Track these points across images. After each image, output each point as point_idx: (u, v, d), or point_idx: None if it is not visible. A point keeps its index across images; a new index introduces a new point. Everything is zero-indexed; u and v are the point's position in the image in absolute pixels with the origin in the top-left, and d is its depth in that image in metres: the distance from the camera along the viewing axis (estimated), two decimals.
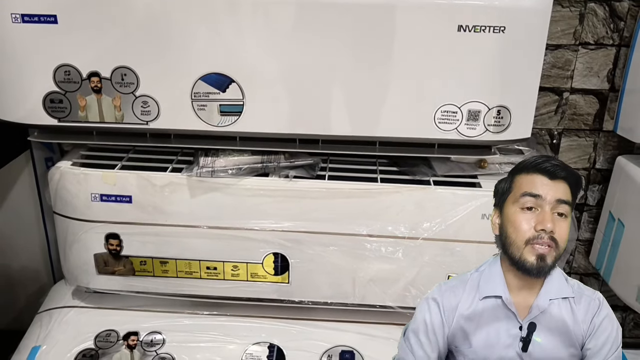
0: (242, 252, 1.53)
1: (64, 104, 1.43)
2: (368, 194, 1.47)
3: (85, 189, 1.49)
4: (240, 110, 1.42)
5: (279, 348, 1.56)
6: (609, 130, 1.73)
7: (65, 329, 1.60)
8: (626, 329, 2.00)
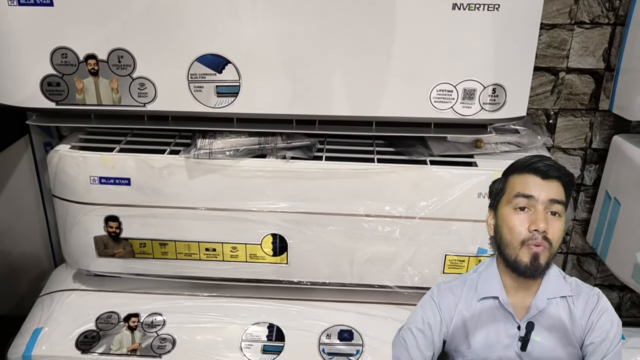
0: (241, 233, 1.54)
1: (62, 87, 1.44)
2: (365, 174, 1.48)
3: (84, 172, 1.50)
4: (237, 92, 1.42)
5: (278, 328, 1.57)
6: (605, 109, 1.74)
7: (66, 311, 1.61)
8: (623, 309, 2.01)
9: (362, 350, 1.52)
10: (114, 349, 1.52)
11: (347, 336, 1.55)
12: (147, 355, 1.51)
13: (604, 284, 1.98)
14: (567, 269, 1.97)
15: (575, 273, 1.97)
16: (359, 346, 1.53)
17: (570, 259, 1.95)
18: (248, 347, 1.53)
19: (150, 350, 1.52)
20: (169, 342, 1.54)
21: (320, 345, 1.53)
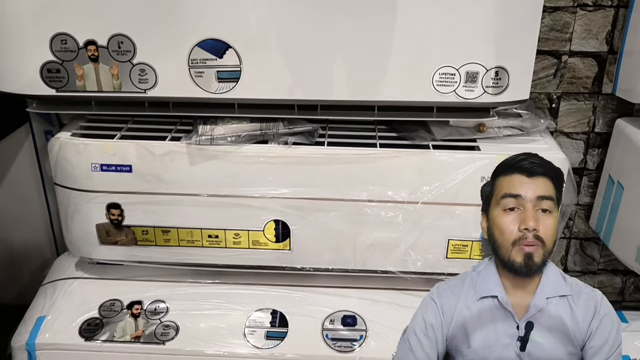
0: (243, 219, 1.54)
1: (62, 73, 1.43)
2: (367, 159, 1.48)
3: (85, 159, 1.50)
4: (238, 77, 1.41)
5: (281, 314, 1.57)
6: (608, 93, 1.72)
7: (69, 299, 1.62)
8: (626, 293, 2.01)
9: (365, 335, 1.52)
10: (118, 336, 1.52)
11: (350, 321, 1.55)
12: (151, 342, 1.52)
13: (606, 268, 1.97)
14: (570, 254, 1.97)
15: (578, 258, 1.97)
16: (362, 331, 1.53)
17: (573, 243, 1.95)
18: (251, 333, 1.53)
19: (154, 337, 1.52)
20: (173, 329, 1.54)
21: (324, 331, 1.53)
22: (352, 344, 1.50)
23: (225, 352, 1.50)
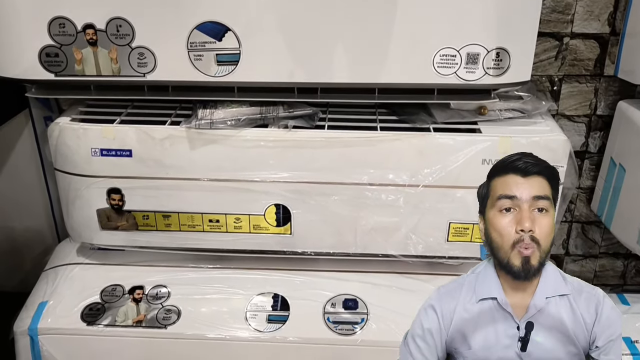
0: (244, 204, 1.54)
1: (60, 57, 1.42)
2: (368, 143, 1.47)
3: (85, 144, 1.49)
4: (237, 59, 1.41)
5: (283, 298, 1.58)
6: (610, 75, 1.71)
7: (71, 284, 1.62)
8: (628, 276, 2.01)
9: (367, 318, 1.52)
10: (119, 321, 1.53)
11: (352, 305, 1.55)
12: (153, 326, 1.52)
13: (608, 252, 1.97)
14: (571, 238, 1.97)
15: (580, 242, 1.97)
16: (364, 314, 1.53)
17: (575, 227, 1.94)
18: (253, 317, 1.54)
19: (156, 322, 1.52)
20: (174, 313, 1.54)
21: (325, 314, 1.53)
22: (353, 327, 1.50)
23: (227, 336, 1.51)
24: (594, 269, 2.00)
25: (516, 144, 1.45)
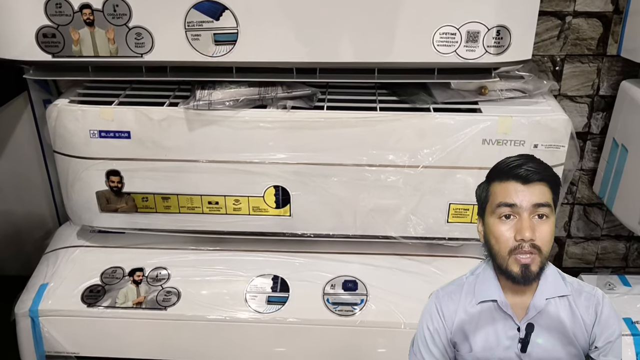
0: (243, 185, 1.53)
1: (57, 38, 1.41)
2: (367, 123, 1.46)
3: (83, 126, 1.49)
4: (235, 39, 1.39)
5: (282, 279, 1.58)
6: (613, 54, 1.69)
7: (71, 267, 1.62)
8: (630, 259, 2.00)
9: (366, 299, 1.52)
10: (120, 302, 1.53)
11: (351, 286, 1.55)
12: (153, 307, 1.52)
13: (610, 234, 1.96)
14: (573, 220, 1.95)
15: (582, 224, 1.96)
16: (363, 296, 1.53)
17: (577, 209, 1.93)
18: (253, 298, 1.54)
19: (156, 303, 1.53)
20: (174, 295, 1.54)
21: (325, 295, 1.53)
22: (352, 308, 1.50)
23: (227, 317, 1.51)
24: (595, 252, 1.99)
25: (517, 124, 1.44)
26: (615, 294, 1.64)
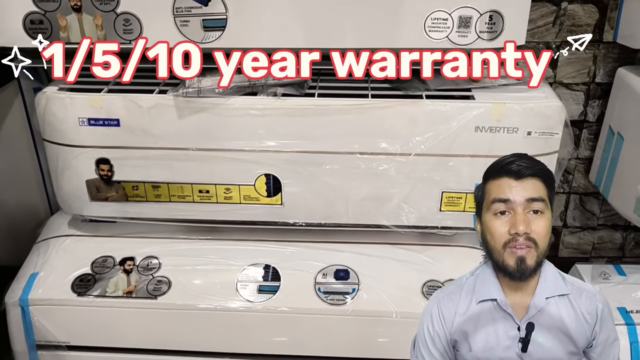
0: (234, 173, 1.52)
1: (45, 24, 1.40)
2: (358, 110, 1.44)
3: (72, 114, 1.47)
4: (224, 25, 1.38)
5: (274, 268, 1.56)
6: (609, 41, 1.67)
7: (62, 256, 1.61)
8: (627, 248, 1.99)
9: (358, 288, 1.51)
10: (110, 292, 1.52)
11: (343, 275, 1.54)
12: (143, 296, 1.51)
13: (607, 224, 1.95)
14: (569, 209, 1.94)
15: (578, 213, 1.94)
16: (355, 284, 1.51)
17: (573, 198, 1.91)
18: (244, 287, 1.53)
19: (146, 292, 1.52)
20: (165, 284, 1.54)
21: (316, 285, 1.52)
22: (344, 297, 1.49)
23: (218, 306, 1.50)
24: (592, 241, 1.97)
25: (510, 111, 1.42)
26: (610, 284, 1.63)
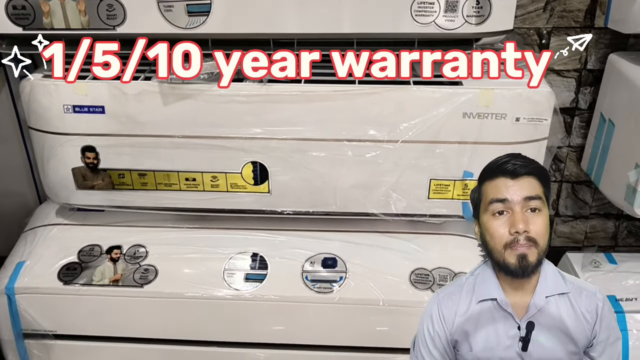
0: (220, 161, 1.51)
1: (27, 10, 1.38)
2: (345, 96, 1.43)
3: (57, 101, 1.46)
4: (208, 10, 1.36)
5: (261, 257, 1.55)
6: (600, 27, 1.65)
7: (49, 245, 1.61)
8: (619, 237, 1.97)
9: (345, 276, 1.50)
10: (96, 280, 1.52)
11: (330, 263, 1.53)
12: (129, 285, 1.51)
13: (599, 212, 1.93)
14: (561, 198, 1.92)
15: (570, 202, 1.93)
16: (342, 273, 1.50)
17: (565, 187, 1.90)
18: (231, 275, 1.52)
19: (132, 281, 1.51)
20: (152, 273, 1.53)
21: (304, 273, 1.51)
22: (331, 285, 1.48)
23: (204, 294, 1.49)
24: (584, 230, 1.96)
25: (498, 97, 1.40)
26: (601, 272, 1.62)
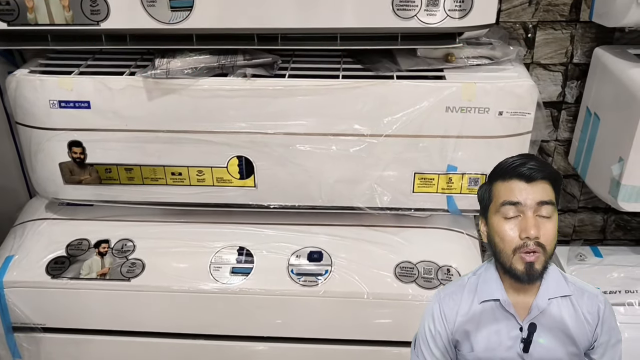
0: (206, 156, 1.51)
1: (11, 5, 1.39)
2: (328, 91, 1.43)
3: (43, 96, 1.47)
4: (191, 5, 1.36)
5: (247, 251, 1.56)
6: (586, 20, 1.65)
7: (38, 239, 1.62)
8: (608, 231, 1.97)
9: (330, 269, 1.50)
10: (84, 274, 1.53)
11: (316, 257, 1.53)
12: (117, 278, 1.52)
13: (587, 206, 1.93)
14: None
15: None
16: (327, 266, 1.51)
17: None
18: (217, 269, 1.53)
19: (120, 274, 1.52)
20: (139, 267, 1.54)
21: (289, 266, 1.52)
22: (316, 279, 1.49)
23: (190, 288, 1.50)
24: (572, 224, 1.96)
25: (481, 90, 1.41)
26: (586, 265, 1.62)
